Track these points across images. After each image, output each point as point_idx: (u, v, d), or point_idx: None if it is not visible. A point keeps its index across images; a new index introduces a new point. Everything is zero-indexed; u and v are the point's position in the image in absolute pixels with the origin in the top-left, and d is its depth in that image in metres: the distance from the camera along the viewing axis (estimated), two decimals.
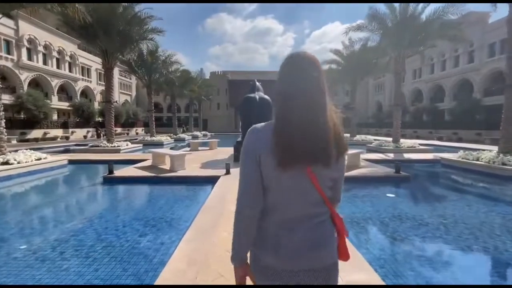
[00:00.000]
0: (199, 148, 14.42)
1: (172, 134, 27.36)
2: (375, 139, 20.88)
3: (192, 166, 8.60)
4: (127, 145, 14.56)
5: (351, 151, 8.35)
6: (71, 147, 14.66)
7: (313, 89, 0.88)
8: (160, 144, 19.26)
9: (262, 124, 0.96)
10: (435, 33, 12.72)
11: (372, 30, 14.34)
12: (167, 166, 8.16)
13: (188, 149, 14.08)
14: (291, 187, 0.89)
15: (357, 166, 8.53)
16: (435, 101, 35.15)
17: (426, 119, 34.74)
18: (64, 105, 31.92)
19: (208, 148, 14.67)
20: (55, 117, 30.94)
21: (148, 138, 20.19)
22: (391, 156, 11.83)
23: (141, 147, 15.72)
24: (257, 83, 11.20)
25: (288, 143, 0.84)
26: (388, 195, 5.91)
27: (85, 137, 28.28)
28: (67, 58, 33.06)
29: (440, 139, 26.05)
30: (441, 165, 9.87)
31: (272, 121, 0.93)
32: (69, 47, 33.06)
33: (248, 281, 1.00)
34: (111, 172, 7.00)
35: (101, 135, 35.11)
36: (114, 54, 13.86)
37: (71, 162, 9.73)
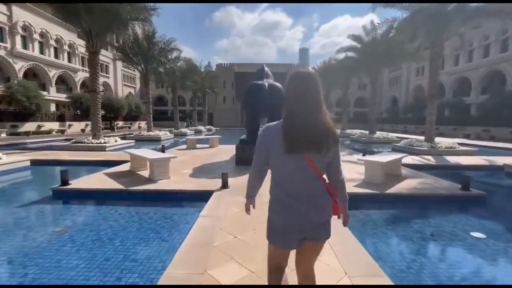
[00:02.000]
0: (198, 146, 12.46)
1: (173, 129, 25.55)
2: (398, 137, 18.51)
3: (181, 172, 6.61)
4: (115, 141, 12.71)
5: (388, 157, 6.25)
6: (56, 143, 12.88)
7: (312, 100, 1.33)
8: (157, 140, 17.40)
9: (274, 123, 1.45)
10: (488, 8, 10.26)
11: (404, 7, 11.92)
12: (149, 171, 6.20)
13: (183, 147, 12.12)
14: (294, 166, 1.35)
15: (397, 175, 6.39)
16: (459, 96, 32.23)
17: (448, 115, 31.93)
18: (62, 97, 30.42)
19: (208, 145, 12.72)
20: (53, 109, 29.60)
21: (144, 133, 18.35)
22: (430, 159, 9.59)
23: (133, 144, 13.86)
24: (266, 69, 9.08)
25: (294, 136, 1.31)
26: (473, 234, 3.70)
27: (83, 130, 26.74)
28: (66, 47, 31.46)
29: (467, 137, 23.48)
30: (504, 174, 7.61)
31: (281, 121, 1.40)
32: (68, 35, 31.40)
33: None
34: (64, 183, 5.07)
35: (114, 128, 34.03)
36: (100, 36, 11.90)
37: (34, 163, 7.86)
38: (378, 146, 16.43)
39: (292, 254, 1.55)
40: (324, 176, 1.42)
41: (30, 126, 22.31)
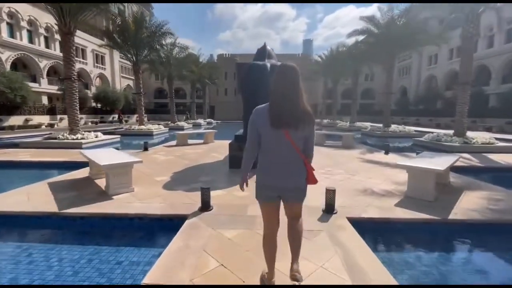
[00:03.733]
0: (190, 141, 10.79)
1: (170, 122, 23.89)
2: (416, 131, 16.63)
3: (155, 180, 4.96)
4: (96, 137, 11.09)
5: (439, 161, 4.54)
6: (31, 139, 11.28)
7: (292, 87, 1.68)
8: (149, 135, 15.76)
9: (262, 105, 1.77)
10: None
11: None
12: None
13: (173, 143, 10.46)
14: (276, 139, 1.70)
15: (445, 183, 4.66)
16: (476, 85, 29.92)
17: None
18: (54, 89, 28.87)
19: (202, 141, 11.06)
20: (45, 101, 28.14)
21: (135, 127, 16.71)
22: (471, 159, 7.79)
23: (118, 139, 12.23)
24: (269, 48, 7.27)
25: (277, 115, 1.66)
26: None
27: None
28: (58, 36, 29.71)
29: (488, 130, 21.53)
30: None
31: (267, 104, 1.74)
32: None
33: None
34: None
35: (123, 120, 33.42)
36: (74, 15, 10.14)
37: None
38: (394, 141, 14.61)
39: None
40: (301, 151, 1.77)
41: (16, 120, 20.84)
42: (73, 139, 10.20)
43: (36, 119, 22.58)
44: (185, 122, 26.26)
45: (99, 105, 33.09)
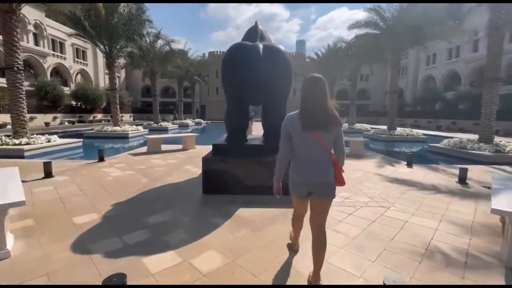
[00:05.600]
0: (165, 147, 8.84)
1: (152, 123, 21.75)
2: (424, 134, 15.05)
3: (70, 224, 3.01)
4: (48, 141, 8.98)
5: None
6: None
7: (321, 95, 1.81)
8: (123, 137, 13.68)
9: (293, 112, 1.93)
10: None
11: None
12: None
13: (143, 149, 8.46)
14: (307, 142, 1.84)
15: None
16: (477, 86, 28.75)
17: (463, 108, 28.53)
18: (25, 85, 26.19)
19: (181, 146, 9.13)
20: None
21: (109, 128, 14.53)
22: None
23: (79, 144, 10.10)
24: (261, 27, 5.36)
25: (307, 119, 1.81)
26: None
27: (47, 124, 22.78)
28: (31, 27, 27.13)
29: (495, 133, 20.22)
30: None
31: (297, 111, 1.89)
32: (33, 14, 27.07)
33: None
34: None
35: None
36: None
37: None
38: (401, 145, 12.95)
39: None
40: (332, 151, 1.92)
41: None
42: (15, 144, 8.09)
43: (1, 118, 20.11)
44: (171, 123, 24.16)
45: (81, 104, 30.57)
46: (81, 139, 10.37)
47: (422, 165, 6.77)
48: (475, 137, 9.98)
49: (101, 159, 6.59)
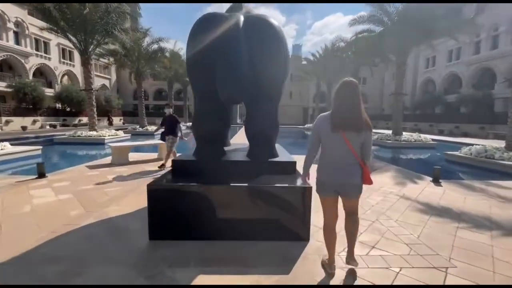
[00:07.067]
0: (137, 156, 7.35)
1: (138, 126, 20.20)
2: (433, 139, 13.76)
3: None
4: (2, 148, 7.43)
5: None
6: None
7: (354, 98, 1.91)
8: (98, 143, 12.14)
9: (325, 113, 2.05)
10: None
11: None
12: None
13: (107, 160, 6.95)
14: (336, 142, 1.93)
15: None
16: (479, 89, 27.77)
17: (465, 111, 27.47)
18: (2, 85, 24.48)
19: (156, 155, 7.67)
20: None
21: (83, 133, 12.95)
22: None
23: (38, 153, 8.54)
24: (248, 5, 3.92)
25: (338, 121, 1.90)
26: None
27: (24, 128, 21.07)
28: (11, 25, 25.49)
29: (500, 138, 19.08)
30: None
31: (329, 112, 2.00)
32: (14, 11, 25.49)
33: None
34: None
35: (112, 123, 31.41)
36: None
37: None
38: (409, 152, 11.62)
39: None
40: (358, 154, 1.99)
41: None
42: None
43: None
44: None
45: (65, 107, 28.85)
46: (40, 147, 8.79)
47: (450, 181, 5.38)
48: (487, 142, 8.65)
49: (41, 175, 5.08)
